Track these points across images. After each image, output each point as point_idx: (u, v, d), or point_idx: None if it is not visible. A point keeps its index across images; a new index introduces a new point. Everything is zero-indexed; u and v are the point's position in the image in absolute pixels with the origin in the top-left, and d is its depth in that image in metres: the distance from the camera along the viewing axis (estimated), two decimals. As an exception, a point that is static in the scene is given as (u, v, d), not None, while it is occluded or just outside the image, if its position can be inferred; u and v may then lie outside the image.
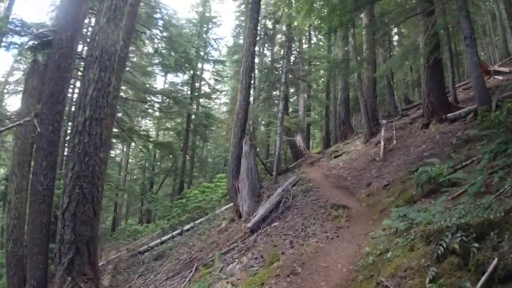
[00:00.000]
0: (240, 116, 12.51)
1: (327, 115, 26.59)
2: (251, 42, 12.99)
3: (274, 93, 18.87)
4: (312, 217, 7.83)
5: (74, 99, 16.37)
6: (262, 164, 17.76)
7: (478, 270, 2.82)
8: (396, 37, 28.25)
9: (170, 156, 20.08)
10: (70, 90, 16.15)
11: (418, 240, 3.54)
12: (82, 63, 11.64)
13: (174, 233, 13.72)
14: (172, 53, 18.05)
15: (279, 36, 18.79)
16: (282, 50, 14.82)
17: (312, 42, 29.13)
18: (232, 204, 12.44)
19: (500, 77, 14.59)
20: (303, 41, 27.49)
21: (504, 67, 15.34)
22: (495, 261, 2.71)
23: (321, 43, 30.17)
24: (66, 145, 15.27)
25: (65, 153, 15.17)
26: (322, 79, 30.15)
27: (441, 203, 4.28)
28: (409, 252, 3.64)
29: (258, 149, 25.02)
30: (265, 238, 7.95)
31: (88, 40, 13.61)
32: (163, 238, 13.66)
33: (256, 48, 28.37)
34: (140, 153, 31.46)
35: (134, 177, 36.95)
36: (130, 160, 37.00)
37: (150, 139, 18.56)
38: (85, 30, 15.73)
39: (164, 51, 18.87)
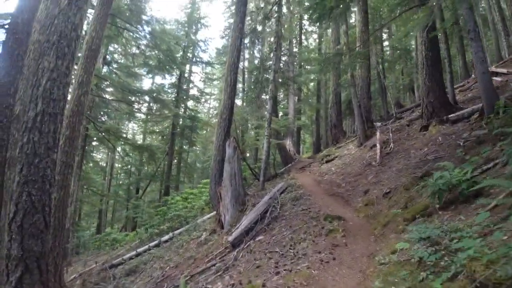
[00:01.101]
0: (224, 116, 11.26)
1: (318, 120, 25.49)
2: (237, 36, 11.79)
3: (264, 96, 17.70)
4: (303, 231, 6.58)
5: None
6: (249, 169, 16.49)
7: None
8: (386, 43, 27.43)
9: (152, 159, 18.64)
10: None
11: (467, 284, 2.29)
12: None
13: (151, 244, 12.34)
14: (156, 51, 16.73)
15: (268, 35, 17.60)
16: (271, 48, 13.60)
17: (303, 45, 28.15)
18: (215, 213, 11.13)
19: (498, 78, 13.61)
20: (294, 43, 26.48)
21: (501, 68, 14.39)
22: None
23: (311, 46, 29.26)
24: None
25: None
26: (313, 83, 29.22)
27: (484, 221, 3.04)
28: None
29: (247, 154, 23.76)
30: (247, 256, 6.67)
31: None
32: (139, 250, 12.27)
33: (246, 51, 27.42)
34: (126, 157, 30.00)
35: (120, 182, 35.28)
36: (116, 165, 35.43)
37: (129, 142, 17.12)
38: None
39: (146, 48, 17.54)
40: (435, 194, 4.48)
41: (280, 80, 15.54)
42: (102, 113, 19.83)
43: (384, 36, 26.83)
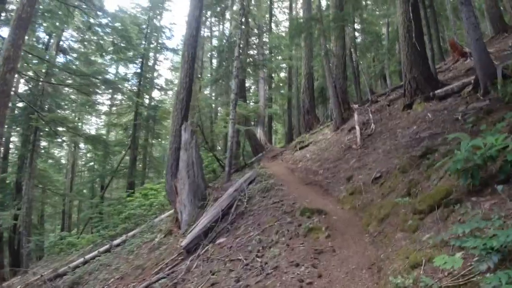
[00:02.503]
0: (181, 97, 9.44)
1: (290, 109, 23.93)
2: (195, 5, 9.97)
3: (231, 82, 15.94)
4: (274, 230, 4.97)
5: None
6: (217, 160, 14.73)
7: None
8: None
9: (106, 152, 16.40)
10: None
11: None
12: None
13: (100, 249, 10.34)
14: (108, 30, 14.51)
15: (235, 14, 15.77)
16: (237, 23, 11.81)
17: (273, 31, 26.51)
18: (173, 210, 9.34)
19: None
20: (264, 29, 24.82)
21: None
22: None
23: (282, 33, 27.70)
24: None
25: None
26: (284, 73, 27.73)
27: None
28: None
29: (218, 148, 21.85)
30: (203, 266, 5.00)
31: None
32: (87, 257, 10.24)
33: (215, 28, 25.43)
34: (89, 153, 27.33)
35: (83, 180, 32.36)
36: (80, 162, 32.54)
37: (79, 133, 14.85)
38: None
39: (99, 29, 15.29)
40: (467, 173, 2.94)
41: (248, 60, 13.85)
42: (52, 102, 17.36)
43: (356, 26, 25.62)
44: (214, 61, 22.76)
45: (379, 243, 3.65)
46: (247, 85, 29.33)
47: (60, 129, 14.63)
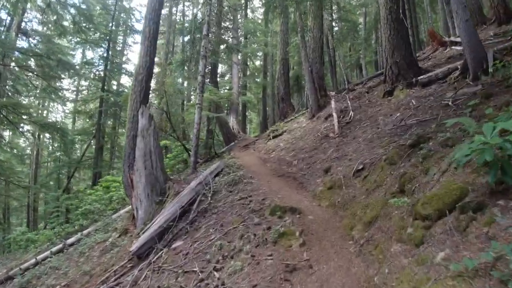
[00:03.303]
0: (140, 78, 8.28)
1: (265, 98, 22.95)
2: (158, -25, 8.74)
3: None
4: (238, 233, 4.06)
5: None
6: (186, 151, 13.56)
7: None
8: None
9: (63, 141, 14.81)
10: None
11: None
12: None
13: (53, 249, 9.07)
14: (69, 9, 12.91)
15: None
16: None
17: (249, 17, 25.30)
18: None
19: (458, 47, 12.05)
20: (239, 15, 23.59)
21: (460, 38, 12.85)
22: None
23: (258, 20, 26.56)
24: None
25: None
26: (259, 61, 26.66)
27: None
28: None
29: (191, 139, 20.47)
30: (152, 278, 4.05)
31: None
32: (39, 257, 8.94)
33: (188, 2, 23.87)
34: (55, 142, 25.28)
35: (49, 171, 30.14)
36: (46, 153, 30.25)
37: (33, 119, 13.23)
38: None
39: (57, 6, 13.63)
40: (496, 166, 2.10)
41: (220, 44, 12.71)
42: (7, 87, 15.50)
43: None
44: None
45: (368, 255, 2.80)
46: (221, 71, 28.19)
47: (13, 117, 12.99)
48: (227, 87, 22.58)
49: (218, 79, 27.52)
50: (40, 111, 25.56)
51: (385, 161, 4.41)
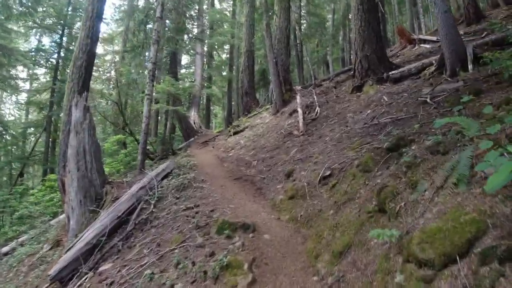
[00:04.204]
0: (79, 63, 7.08)
1: (230, 92, 21.87)
2: None
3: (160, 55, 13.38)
4: (175, 260, 3.11)
5: None
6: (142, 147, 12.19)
7: None
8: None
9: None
10: None
11: None
12: None
13: (-16, 260, 7.61)
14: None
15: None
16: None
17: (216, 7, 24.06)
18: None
19: (427, 45, 11.73)
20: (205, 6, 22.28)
21: (430, 36, 12.55)
22: None
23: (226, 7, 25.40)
24: None
25: None
26: (225, 54, 25.48)
27: None
28: None
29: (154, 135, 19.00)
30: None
31: None
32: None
33: None
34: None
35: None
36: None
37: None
38: None
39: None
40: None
41: (182, 30, 11.52)
42: None
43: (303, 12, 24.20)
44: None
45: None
46: (186, 63, 26.72)
47: None
48: (192, 80, 21.31)
49: (183, 70, 26.09)
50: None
51: (357, 167, 3.63)
